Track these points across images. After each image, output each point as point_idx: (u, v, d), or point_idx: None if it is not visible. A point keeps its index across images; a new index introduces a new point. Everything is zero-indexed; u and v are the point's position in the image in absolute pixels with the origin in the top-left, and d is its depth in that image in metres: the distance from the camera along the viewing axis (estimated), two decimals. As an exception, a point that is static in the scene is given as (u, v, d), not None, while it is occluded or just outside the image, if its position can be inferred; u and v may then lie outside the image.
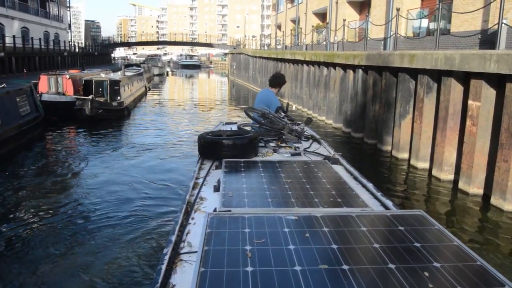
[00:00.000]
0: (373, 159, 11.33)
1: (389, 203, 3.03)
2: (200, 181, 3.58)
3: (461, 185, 8.34)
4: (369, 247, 2.10)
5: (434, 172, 9.25)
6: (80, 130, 15.29)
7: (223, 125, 6.52)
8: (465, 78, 8.46)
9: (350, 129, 14.03)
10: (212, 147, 4.17)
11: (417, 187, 9.16)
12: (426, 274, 1.86)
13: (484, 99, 7.78)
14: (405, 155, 10.64)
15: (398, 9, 11.65)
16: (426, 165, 9.79)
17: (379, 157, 11.35)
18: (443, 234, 2.27)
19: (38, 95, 15.63)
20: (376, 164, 10.82)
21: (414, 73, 10.21)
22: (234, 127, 5.74)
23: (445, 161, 8.92)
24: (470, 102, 8.09)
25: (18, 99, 12.36)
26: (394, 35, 12.20)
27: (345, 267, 1.91)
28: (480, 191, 8.02)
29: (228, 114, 21.09)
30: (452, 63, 8.37)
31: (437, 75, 9.37)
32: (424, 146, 9.76)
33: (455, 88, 8.65)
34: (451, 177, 8.94)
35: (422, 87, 9.70)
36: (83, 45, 53.46)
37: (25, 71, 20.05)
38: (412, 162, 10.12)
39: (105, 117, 16.24)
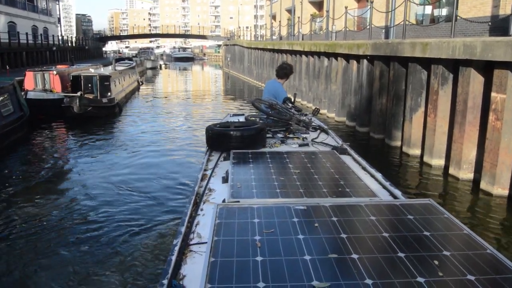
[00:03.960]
0: (381, 155, 10.60)
1: (397, 192, 3.00)
2: (208, 172, 3.57)
3: (483, 185, 7.62)
4: (378, 236, 2.09)
5: (451, 171, 8.52)
6: (68, 129, 14.44)
7: (230, 116, 6.52)
8: (486, 68, 7.71)
9: (355, 123, 13.28)
10: (220, 139, 4.16)
11: (432, 186, 8.46)
12: (436, 262, 1.84)
13: (510, 91, 7.03)
14: (417, 151, 9.92)
15: (406, -6, 10.83)
16: (441, 162, 9.07)
17: (388, 153, 10.63)
18: (452, 222, 2.24)
19: (23, 93, 14.75)
20: (385, 161, 10.10)
21: (426, 63, 9.45)
22: (242, 119, 5.77)
23: (464, 159, 8.19)
24: (493, 94, 7.34)
25: (-1, 99, 11.49)
26: (402, 23, 11.40)
27: (354, 256, 1.90)
28: (505, 192, 7.31)
29: (224, 107, 20.24)
30: (472, 51, 7.60)
31: (453, 65, 8.61)
32: (439, 142, 9.03)
33: (475, 79, 7.90)
34: (470, 176, 8.22)
35: (436, 78, 8.94)
36: (73, 39, 52.14)
37: (8, 68, 18.95)
38: (426, 159, 9.39)
39: (95, 115, 15.35)
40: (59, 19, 51.79)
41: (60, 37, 45.37)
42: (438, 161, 9.08)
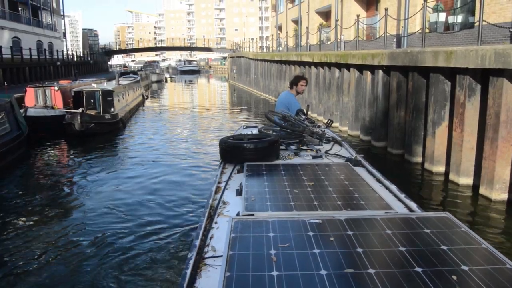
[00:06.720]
0: (402, 172, 9.85)
1: (413, 205, 2.95)
2: (222, 185, 3.57)
3: (521, 207, 6.88)
4: (395, 250, 2.04)
5: (482, 190, 7.76)
6: (70, 147, 13.87)
7: (243, 129, 6.52)
8: (522, 77, 7.00)
9: (370, 137, 12.56)
10: (234, 151, 4.14)
11: (462, 207, 7.71)
12: (454, 277, 1.78)
13: (552, 104, 6.32)
14: (441, 169, 9.17)
15: (425, 0, 10.17)
16: (469, 181, 8.32)
17: (409, 170, 9.88)
18: (470, 236, 2.18)
19: (23, 110, 14.21)
20: (407, 178, 9.37)
21: (450, 73, 8.76)
22: (255, 131, 5.77)
23: (497, 178, 7.43)
24: (531, 107, 6.63)
25: (-6, 118, 10.91)
26: (417, 31, 10.74)
27: (371, 271, 1.85)
28: (548, 215, 6.55)
29: (231, 120, 19.62)
30: (505, 60, 6.90)
31: (481, 75, 7.91)
32: (466, 158, 8.29)
33: (509, 90, 7.18)
34: (504, 196, 7.46)
35: (463, 90, 8.23)
36: (79, 53, 52.03)
37: (6, 85, 18.43)
38: (452, 177, 8.64)
39: (98, 131, 14.77)
40: (64, 34, 51.77)
41: (66, 52, 45.20)
42: (466, 180, 8.33)
